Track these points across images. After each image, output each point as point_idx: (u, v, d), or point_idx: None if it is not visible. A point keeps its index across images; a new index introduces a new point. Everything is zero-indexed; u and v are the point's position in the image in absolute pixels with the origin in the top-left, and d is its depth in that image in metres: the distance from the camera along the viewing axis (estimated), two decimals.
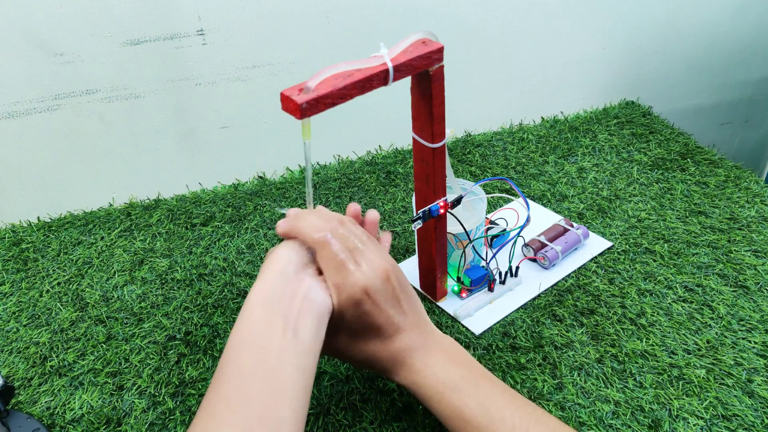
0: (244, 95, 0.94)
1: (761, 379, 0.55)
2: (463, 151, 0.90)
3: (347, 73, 0.43)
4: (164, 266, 0.71)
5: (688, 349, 0.58)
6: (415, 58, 0.45)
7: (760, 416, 0.52)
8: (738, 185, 0.80)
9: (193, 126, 0.94)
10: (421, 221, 0.55)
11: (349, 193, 0.82)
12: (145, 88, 0.88)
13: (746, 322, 0.61)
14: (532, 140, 0.92)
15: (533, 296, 0.64)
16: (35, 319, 0.65)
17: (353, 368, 0.57)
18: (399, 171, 0.87)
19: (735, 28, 1.19)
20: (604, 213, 0.76)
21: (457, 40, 1.00)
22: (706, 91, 1.27)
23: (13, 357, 0.60)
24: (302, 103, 0.40)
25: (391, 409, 0.54)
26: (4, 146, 0.87)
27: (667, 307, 0.63)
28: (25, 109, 0.85)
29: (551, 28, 1.05)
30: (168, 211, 0.80)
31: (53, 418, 0.54)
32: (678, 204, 0.77)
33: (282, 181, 0.86)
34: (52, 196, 0.93)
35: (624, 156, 0.88)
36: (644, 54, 1.16)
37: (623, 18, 1.09)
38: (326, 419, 0.53)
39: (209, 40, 0.87)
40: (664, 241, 0.71)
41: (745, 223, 0.74)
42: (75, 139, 0.89)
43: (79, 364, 0.59)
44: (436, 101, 0.49)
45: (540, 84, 1.12)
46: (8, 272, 0.71)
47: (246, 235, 0.75)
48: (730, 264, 0.68)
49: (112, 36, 0.83)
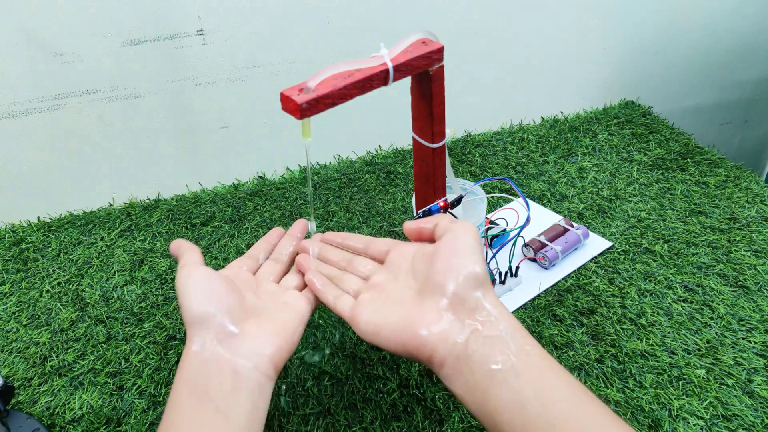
0: (244, 95, 0.94)
1: (761, 379, 0.55)
2: (463, 151, 0.90)
3: (347, 73, 0.43)
4: (164, 266, 0.71)
5: (688, 349, 0.58)
6: (415, 58, 0.45)
7: (760, 416, 0.52)
8: (738, 185, 0.80)
9: (193, 126, 0.94)
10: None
11: (349, 193, 0.82)
12: (145, 88, 0.88)
13: (746, 322, 0.61)
14: (532, 140, 0.92)
15: (533, 296, 0.64)
16: (35, 319, 0.65)
17: (353, 368, 0.57)
18: (399, 171, 0.87)
19: (735, 28, 1.19)
20: (604, 213, 0.76)
21: (457, 40, 1.00)
22: (706, 91, 1.27)
23: (13, 357, 0.60)
24: (302, 103, 0.40)
25: (391, 409, 0.54)
26: (4, 146, 0.87)
27: (667, 307, 0.63)
28: (25, 109, 0.85)
29: (551, 28, 1.05)
30: (168, 211, 0.80)
31: (53, 418, 0.54)
32: (678, 204, 0.77)
33: (282, 181, 0.86)
34: (52, 196, 0.93)
35: (624, 156, 0.88)
36: (644, 54, 1.15)
37: (623, 18, 1.09)
38: (326, 419, 0.53)
39: (209, 40, 0.87)
40: (664, 241, 0.71)
41: (745, 223, 0.74)
42: (75, 139, 0.89)
43: (79, 364, 0.59)
44: (436, 101, 0.49)
45: (540, 84, 1.12)
46: (8, 272, 0.71)
47: (246, 235, 0.75)
48: (730, 264, 0.68)
49: (112, 36, 0.83)
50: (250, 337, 0.41)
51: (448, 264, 0.41)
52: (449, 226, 0.43)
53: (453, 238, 0.42)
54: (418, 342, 0.39)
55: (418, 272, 0.44)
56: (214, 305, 0.41)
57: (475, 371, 0.37)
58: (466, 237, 0.42)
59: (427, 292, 0.41)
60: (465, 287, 0.40)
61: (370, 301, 0.44)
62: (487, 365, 0.37)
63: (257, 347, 0.41)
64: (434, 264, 0.42)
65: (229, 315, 0.41)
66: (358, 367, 0.58)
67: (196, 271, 0.43)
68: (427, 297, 0.41)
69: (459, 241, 0.42)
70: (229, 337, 0.40)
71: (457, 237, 0.42)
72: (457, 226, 0.43)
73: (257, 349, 0.41)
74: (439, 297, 0.40)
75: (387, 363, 0.58)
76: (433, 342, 0.39)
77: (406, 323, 0.40)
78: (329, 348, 0.60)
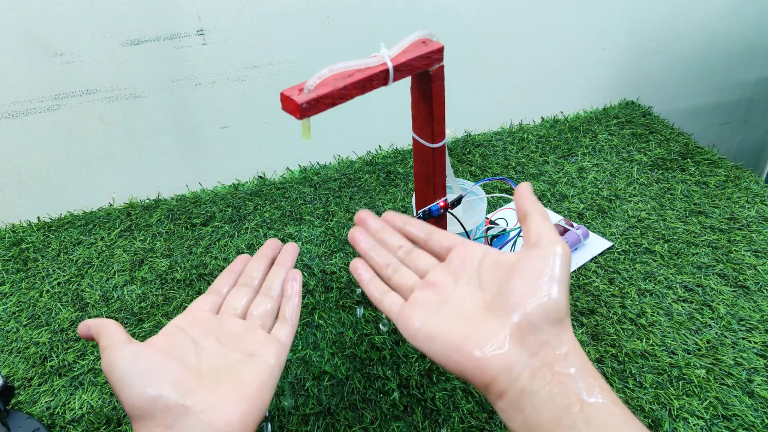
0: (244, 95, 0.94)
1: (761, 379, 0.55)
2: (463, 151, 0.90)
3: (347, 73, 0.43)
4: (164, 266, 0.71)
5: (688, 349, 0.58)
6: (415, 58, 0.45)
7: (760, 416, 0.52)
8: (738, 185, 0.80)
9: (193, 126, 0.94)
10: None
11: (349, 193, 0.82)
12: (145, 88, 0.88)
13: (746, 322, 0.61)
14: (532, 140, 0.92)
15: None
16: (35, 319, 0.65)
17: (353, 368, 0.57)
18: (399, 171, 0.87)
19: (734, 28, 1.19)
20: (604, 213, 0.76)
21: (457, 40, 1.00)
22: (705, 91, 1.27)
23: (13, 357, 0.60)
24: (302, 103, 0.40)
25: (391, 409, 0.54)
26: (4, 146, 0.87)
27: (667, 307, 0.63)
28: (25, 109, 0.85)
29: (551, 28, 1.05)
30: (168, 211, 0.80)
31: (53, 418, 0.54)
32: (678, 204, 0.77)
33: (282, 181, 0.86)
34: (52, 196, 0.93)
35: (624, 156, 0.88)
36: (644, 54, 1.15)
37: (623, 18, 1.09)
38: (326, 419, 0.53)
39: (209, 40, 0.87)
40: (664, 241, 0.71)
41: (745, 223, 0.74)
42: (75, 139, 0.89)
43: (79, 364, 0.59)
44: (436, 101, 0.49)
45: (540, 84, 1.12)
46: (8, 272, 0.71)
47: (246, 235, 0.75)
48: (730, 264, 0.68)
49: (112, 36, 0.83)
50: (208, 410, 0.35)
51: (530, 288, 0.36)
52: (543, 240, 0.38)
53: (543, 257, 0.37)
54: (476, 366, 0.35)
55: (486, 282, 0.39)
56: (154, 388, 0.35)
57: (540, 411, 0.33)
58: (558, 262, 0.37)
59: (497, 311, 0.36)
60: (544, 318, 0.35)
61: (424, 304, 0.39)
62: (554, 407, 0.33)
63: (218, 417, 0.35)
64: (512, 281, 0.37)
65: (175, 390, 0.35)
66: (358, 367, 0.58)
67: (122, 352, 0.36)
68: (495, 317, 0.36)
69: (549, 263, 0.37)
70: (181, 416, 0.34)
71: (548, 258, 0.37)
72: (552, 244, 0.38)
73: (219, 419, 0.35)
74: (510, 321, 0.35)
75: (387, 363, 0.58)
76: (494, 369, 0.34)
77: (464, 341, 0.36)
78: (330, 348, 0.60)
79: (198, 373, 0.37)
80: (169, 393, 0.35)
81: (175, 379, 0.36)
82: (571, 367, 0.34)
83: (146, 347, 0.38)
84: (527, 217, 0.41)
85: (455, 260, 0.42)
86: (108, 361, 0.36)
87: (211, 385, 0.37)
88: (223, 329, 0.42)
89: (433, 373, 0.57)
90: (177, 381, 0.36)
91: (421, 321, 0.38)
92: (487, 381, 0.35)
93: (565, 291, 0.36)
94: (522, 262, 0.38)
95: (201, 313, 0.43)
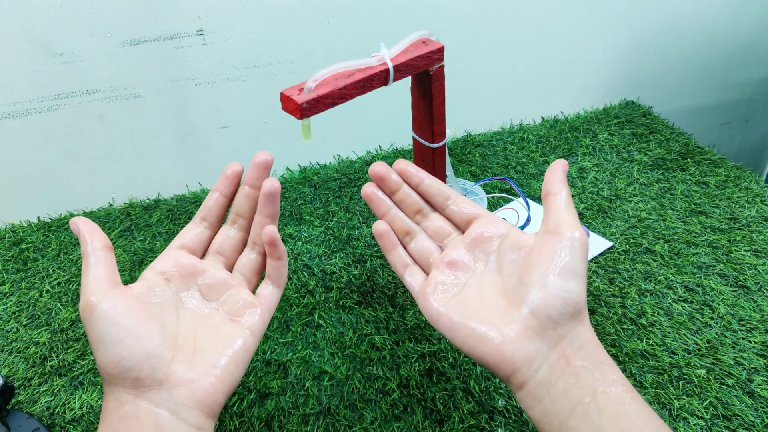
0: (244, 95, 0.94)
1: (761, 378, 0.55)
2: (463, 151, 0.90)
3: (347, 73, 0.43)
4: None
5: (689, 349, 0.58)
6: (416, 57, 0.45)
7: (760, 416, 0.52)
8: (738, 185, 0.80)
9: (193, 126, 0.94)
10: None
11: (349, 193, 0.82)
12: (145, 88, 0.88)
13: (746, 322, 0.61)
14: (532, 140, 0.92)
15: None
16: (35, 319, 0.65)
17: (353, 368, 0.57)
18: None
19: (735, 28, 1.19)
20: (605, 213, 0.76)
21: (458, 40, 1.00)
22: (706, 91, 1.27)
23: (13, 357, 0.60)
24: (302, 103, 0.40)
25: (391, 409, 0.54)
26: (4, 146, 0.87)
27: (668, 307, 0.63)
28: (25, 109, 0.85)
29: (551, 28, 1.05)
30: (168, 211, 0.80)
31: (53, 418, 0.54)
32: (678, 204, 0.77)
33: (282, 181, 0.86)
34: (52, 196, 0.93)
35: (624, 156, 0.88)
36: (644, 54, 1.15)
37: (623, 18, 1.09)
38: (326, 419, 0.53)
39: (209, 40, 0.87)
40: (665, 241, 0.71)
41: (746, 223, 0.74)
42: (75, 139, 0.89)
43: (79, 364, 0.59)
44: (436, 101, 0.49)
45: (540, 84, 1.12)
46: (8, 272, 0.71)
47: None
48: (730, 264, 0.68)
49: (112, 36, 0.83)
50: (180, 386, 0.35)
51: (548, 279, 0.36)
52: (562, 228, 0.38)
53: (562, 247, 0.37)
54: (500, 358, 0.36)
55: (505, 265, 0.39)
56: (128, 360, 0.34)
57: (556, 401, 0.35)
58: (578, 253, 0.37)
59: (517, 303, 0.37)
60: (562, 312, 0.36)
61: (444, 287, 0.40)
62: (569, 397, 0.34)
63: (187, 393, 0.35)
64: (531, 271, 0.37)
65: (149, 362, 0.35)
66: (357, 367, 0.58)
67: (101, 307, 0.35)
68: (516, 308, 0.37)
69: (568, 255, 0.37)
70: (152, 388, 0.35)
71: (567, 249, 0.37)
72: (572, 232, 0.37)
73: (188, 396, 0.35)
74: (531, 315, 0.36)
75: (387, 363, 0.58)
76: (517, 363, 0.36)
77: (488, 333, 0.36)
78: (330, 348, 0.60)
79: (174, 341, 0.37)
80: (142, 366, 0.35)
81: (151, 351, 0.35)
82: (588, 358, 0.36)
83: (126, 303, 0.36)
84: (549, 196, 0.40)
85: (476, 235, 0.42)
86: (85, 309, 0.35)
87: (186, 358, 0.36)
88: (206, 281, 0.41)
89: (433, 373, 0.57)
90: (152, 353, 0.35)
91: (442, 306, 0.39)
92: (510, 373, 0.36)
93: (584, 283, 0.37)
94: (541, 250, 0.38)
95: (187, 259, 0.41)
